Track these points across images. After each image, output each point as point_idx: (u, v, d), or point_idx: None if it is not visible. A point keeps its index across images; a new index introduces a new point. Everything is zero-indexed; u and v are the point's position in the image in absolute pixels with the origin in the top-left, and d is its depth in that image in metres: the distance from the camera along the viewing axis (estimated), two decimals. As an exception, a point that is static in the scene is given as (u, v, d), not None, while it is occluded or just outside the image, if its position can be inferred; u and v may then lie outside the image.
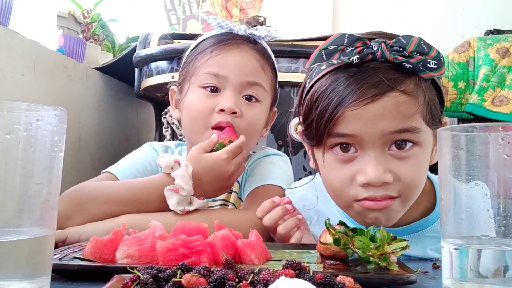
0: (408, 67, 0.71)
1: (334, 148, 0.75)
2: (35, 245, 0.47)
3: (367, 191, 0.72)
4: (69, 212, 0.86)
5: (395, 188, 0.72)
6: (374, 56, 0.71)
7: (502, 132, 0.50)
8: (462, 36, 2.11)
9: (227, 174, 0.92)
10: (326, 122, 0.72)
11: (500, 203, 0.49)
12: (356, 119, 0.71)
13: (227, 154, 0.92)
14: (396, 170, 0.72)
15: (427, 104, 0.73)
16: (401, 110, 0.70)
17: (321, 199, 0.90)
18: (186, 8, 2.23)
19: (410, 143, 0.73)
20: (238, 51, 1.01)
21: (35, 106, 0.47)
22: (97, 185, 0.96)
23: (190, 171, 0.89)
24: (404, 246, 0.59)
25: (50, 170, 0.48)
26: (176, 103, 1.10)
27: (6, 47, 1.17)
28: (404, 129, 0.71)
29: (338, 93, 0.71)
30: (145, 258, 0.61)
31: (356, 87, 0.70)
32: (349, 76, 0.72)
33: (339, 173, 0.75)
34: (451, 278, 0.52)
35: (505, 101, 1.56)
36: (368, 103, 0.69)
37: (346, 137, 0.73)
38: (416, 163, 0.73)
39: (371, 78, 0.70)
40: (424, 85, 0.73)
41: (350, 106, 0.70)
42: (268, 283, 0.45)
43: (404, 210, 0.77)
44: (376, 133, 0.71)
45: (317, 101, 0.74)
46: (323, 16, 2.49)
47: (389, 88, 0.70)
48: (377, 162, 0.71)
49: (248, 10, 2.29)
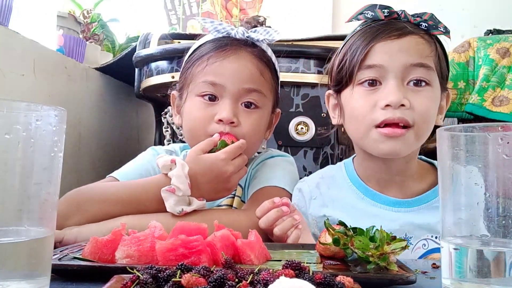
0: (424, 26, 0.92)
1: (362, 84, 0.91)
2: (35, 245, 0.47)
3: (386, 113, 0.87)
4: (68, 212, 0.86)
5: (411, 115, 0.87)
6: (399, 16, 0.93)
7: (502, 132, 0.50)
8: (462, 36, 2.11)
9: (225, 175, 0.91)
10: (360, 54, 0.90)
11: (499, 203, 0.49)
12: (383, 51, 0.89)
13: (226, 155, 0.90)
14: (412, 99, 0.87)
15: (438, 56, 0.92)
16: (419, 48, 0.90)
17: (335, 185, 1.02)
18: (186, 8, 2.23)
19: (424, 82, 0.89)
20: (235, 58, 0.99)
21: (35, 106, 0.47)
22: (96, 185, 0.95)
23: (186, 171, 0.88)
24: (404, 246, 0.59)
25: (49, 170, 0.48)
26: (178, 108, 1.09)
27: (6, 47, 1.17)
28: (421, 64, 0.88)
29: (370, 33, 0.91)
30: (145, 258, 0.61)
31: (385, 28, 0.91)
32: (379, 24, 0.92)
33: (364, 100, 0.90)
34: (450, 278, 0.52)
35: (505, 101, 1.56)
36: (394, 39, 0.89)
37: (373, 69, 0.90)
38: (428, 98, 0.89)
39: (397, 25, 0.91)
40: (435, 41, 0.93)
41: (380, 40, 0.90)
42: (267, 283, 0.45)
43: (418, 144, 0.91)
44: (398, 65, 0.88)
45: (353, 43, 0.94)
46: (323, 16, 2.49)
47: (411, 32, 0.90)
48: (398, 89, 0.87)
49: (248, 10, 2.29)
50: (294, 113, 1.39)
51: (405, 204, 0.95)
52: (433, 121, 0.92)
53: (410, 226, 0.93)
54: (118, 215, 0.87)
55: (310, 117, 1.38)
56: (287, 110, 1.38)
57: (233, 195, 1.07)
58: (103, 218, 0.87)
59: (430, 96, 0.90)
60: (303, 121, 1.38)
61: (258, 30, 1.04)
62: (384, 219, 0.93)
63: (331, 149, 1.39)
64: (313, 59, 1.37)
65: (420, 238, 0.93)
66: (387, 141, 0.88)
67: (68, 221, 0.86)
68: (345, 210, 0.98)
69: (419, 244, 0.94)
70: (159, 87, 1.47)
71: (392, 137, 0.87)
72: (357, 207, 0.98)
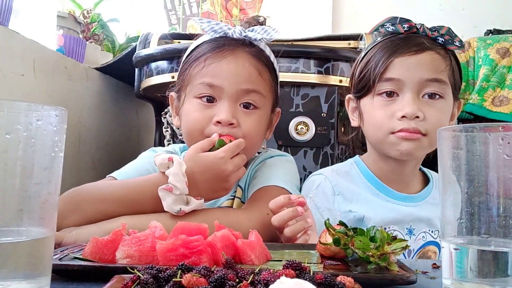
0: (441, 41, 1.00)
1: (381, 94, 1.00)
2: (35, 245, 0.47)
3: (402, 123, 0.96)
4: (65, 212, 0.85)
5: (424, 126, 0.95)
6: (418, 30, 1.01)
7: (502, 132, 0.50)
8: (462, 36, 2.11)
9: (224, 174, 0.89)
10: (380, 67, 0.98)
11: (500, 203, 0.49)
12: (402, 66, 0.97)
13: (225, 153, 0.89)
14: (425, 111, 0.96)
15: (452, 70, 1.00)
16: (435, 64, 0.97)
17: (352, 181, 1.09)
18: (186, 8, 2.23)
19: (437, 95, 0.98)
20: (233, 58, 0.98)
21: (35, 106, 0.47)
22: (93, 185, 0.95)
23: (183, 169, 0.86)
24: (404, 246, 0.59)
25: (50, 170, 0.48)
26: (176, 110, 1.09)
27: (6, 47, 1.17)
28: (435, 79, 0.96)
29: (391, 47, 1.00)
30: (145, 258, 0.61)
31: (404, 43, 0.99)
32: (399, 39, 1.01)
33: (383, 110, 0.99)
34: (451, 278, 0.52)
35: (505, 101, 1.56)
36: (412, 54, 0.97)
37: (392, 82, 0.98)
38: (441, 110, 0.98)
39: (415, 40, 0.99)
40: (450, 56, 1.01)
41: (399, 55, 0.98)
42: (268, 283, 0.45)
43: (429, 149, 0.99)
44: (415, 79, 0.96)
45: (374, 55, 1.02)
46: (323, 16, 2.49)
47: (428, 47, 0.98)
48: (413, 102, 0.96)
49: (248, 10, 2.29)
50: (294, 113, 1.39)
51: (411, 199, 1.06)
52: None
53: (415, 219, 1.04)
54: (115, 214, 0.86)
55: (310, 117, 1.38)
56: (287, 110, 1.38)
57: (233, 196, 1.07)
58: (100, 217, 0.86)
59: (442, 108, 0.98)
60: (303, 121, 1.38)
61: (256, 29, 1.02)
62: (397, 212, 1.03)
63: (331, 149, 1.39)
64: (313, 59, 1.38)
65: (421, 230, 1.03)
66: (404, 143, 0.97)
67: (66, 221, 0.85)
68: (365, 205, 1.04)
69: (419, 236, 1.04)
70: (159, 87, 1.47)
71: (408, 139, 0.96)
72: (374, 202, 1.04)
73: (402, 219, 1.02)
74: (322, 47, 1.38)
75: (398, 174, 1.06)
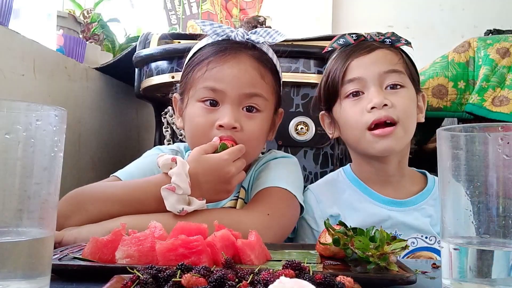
0: (388, 42, 1.07)
1: (348, 96, 1.05)
2: (35, 245, 0.47)
3: (373, 114, 1.00)
4: (68, 212, 0.86)
5: (394, 112, 1.00)
6: (366, 38, 1.09)
7: (502, 132, 0.50)
8: (462, 36, 2.12)
9: (228, 176, 0.90)
10: (340, 71, 1.05)
11: (499, 203, 0.49)
12: (359, 65, 1.04)
13: (229, 156, 0.90)
14: (392, 100, 1.01)
15: (405, 62, 1.07)
16: (388, 58, 1.05)
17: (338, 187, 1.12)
18: (186, 8, 2.23)
19: (399, 85, 1.03)
20: (235, 62, 0.98)
21: (35, 106, 0.47)
22: (96, 185, 0.95)
23: (186, 169, 0.87)
24: (404, 246, 0.59)
25: (49, 170, 0.48)
26: (180, 111, 1.09)
27: (6, 47, 1.17)
28: (392, 70, 1.03)
29: (346, 54, 1.07)
30: (145, 258, 0.61)
31: (357, 48, 1.06)
32: (352, 46, 1.08)
33: (354, 109, 1.03)
34: (450, 278, 0.52)
35: (505, 101, 1.56)
36: (366, 54, 1.05)
37: (354, 82, 1.04)
38: (405, 97, 1.03)
39: (366, 44, 1.07)
40: (401, 51, 1.08)
41: (355, 57, 1.05)
42: (268, 283, 0.45)
43: (407, 138, 1.03)
44: (374, 74, 1.02)
45: (333, 65, 1.08)
46: (323, 16, 2.49)
47: (378, 47, 1.06)
48: (378, 93, 1.01)
49: (248, 10, 2.29)
50: (294, 113, 1.38)
51: (398, 204, 1.06)
52: (415, 118, 1.06)
53: (401, 224, 1.04)
54: (118, 215, 0.86)
55: (310, 117, 1.37)
56: (287, 110, 1.37)
57: (236, 197, 1.07)
58: (103, 218, 0.86)
59: (406, 96, 1.04)
60: (303, 121, 1.38)
61: (259, 32, 1.02)
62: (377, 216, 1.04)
63: (331, 149, 1.39)
64: (313, 59, 1.37)
65: (409, 236, 1.04)
66: (380, 141, 1.00)
67: (68, 221, 0.86)
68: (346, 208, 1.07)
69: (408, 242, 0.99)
70: (159, 87, 1.47)
71: (383, 136, 1.00)
72: (356, 205, 1.07)
73: (379, 222, 1.03)
74: (322, 47, 1.38)
75: (382, 174, 1.08)
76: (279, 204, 0.96)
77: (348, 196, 1.09)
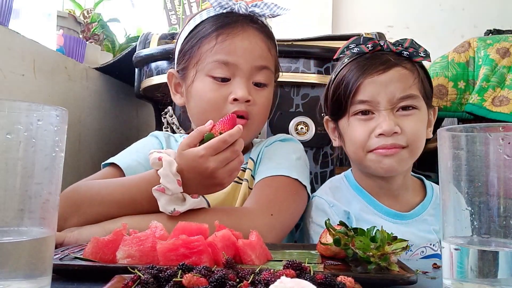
0: (406, 54, 1.00)
1: (357, 114, 1.00)
2: (36, 245, 0.47)
3: (380, 140, 0.96)
4: (66, 214, 0.85)
5: (403, 139, 0.96)
6: (382, 48, 1.01)
7: (503, 133, 0.50)
8: (462, 36, 2.12)
9: (207, 171, 0.82)
10: (350, 89, 0.98)
11: (500, 204, 0.50)
12: (372, 86, 0.97)
13: (205, 151, 0.81)
14: (402, 124, 0.96)
15: (421, 81, 1.00)
16: (403, 79, 0.97)
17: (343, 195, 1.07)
18: (186, 8, 2.22)
19: (411, 107, 0.98)
20: (246, 36, 0.99)
21: (36, 106, 0.47)
22: (92, 185, 0.93)
23: (174, 169, 0.82)
24: (405, 246, 0.59)
25: (50, 170, 0.48)
26: (176, 87, 1.08)
27: (6, 47, 1.17)
28: (407, 96, 0.97)
29: (358, 69, 0.99)
30: (146, 258, 0.61)
31: (371, 63, 0.99)
32: (365, 59, 1.00)
33: (361, 129, 0.99)
34: (451, 278, 0.52)
35: (505, 101, 1.56)
36: (380, 73, 0.97)
37: (364, 104, 0.98)
38: (417, 120, 0.98)
39: (381, 59, 0.99)
40: (417, 67, 1.01)
41: (367, 76, 0.97)
42: (269, 283, 0.45)
43: (412, 160, 1.00)
44: (387, 97, 0.96)
45: (343, 79, 1.01)
46: (323, 16, 2.49)
47: (394, 64, 0.98)
48: (389, 118, 0.96)
49: (248, 10, 2.29)
50: (294, 113, 1.38)
51: (402, 217, 1.03)
52: (424, 139, 1.02)
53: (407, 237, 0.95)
54: (116, 215, 0.85)
55: (310, 117, 1.37)
56: (287, 110, 1.38)
57: (244, 168, 1.04)
58: (101, 219, 0.85)
59: (418, 119, 0.99)
60: (303, 121, 1.38)
61: (259, 5, 1.03)
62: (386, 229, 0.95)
63: (331, 149, 1.39)
64: (313, 59, 1.37)
65: (419, 246, 1.00)
66: (384, 160, 0.97)
67: (67, 223, 0.85)
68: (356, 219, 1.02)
69: (417, 251, 1.01)
70: (159, 87, 1.47)
71: (387, 155, 0.97)
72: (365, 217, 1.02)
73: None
74: (322, 47, 1.38)
75: (386, 189, 1.05)
76: (284, 200, 0.93)
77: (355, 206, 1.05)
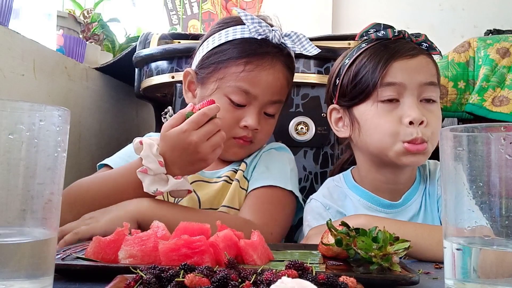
0: (425, 46, 1.00)
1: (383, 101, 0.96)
2: (38, 245, 0.47)
3: (412, 132, 0.93)
4: (61, 216, 0.86)
5: (427, 132, 0.94)
6: (403, 36, 1.00)
7: (504, 133, 0.50)
8: (462, 36, 2.12)
9: (191, 146, 0.86)
10: (380, 71, 0.95)
11: (502, 203, 0.50)
12: (402, 69, 0.95)
13: (188, 125, 0.86)
14: (427, 116, 0.94)
15: (437, 73, 1.01)
16: (429, 67, 0.98)
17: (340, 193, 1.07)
18: (186, 8, 2.22)
19: (432, 100, 0.97)
20: (272, 70, 1.03)
21: (38, 106, 0.47)
22: (81, 184, 0.95)
23: (154, 149, 0.88)
24: (407, 246, 0.59)
25: (53, 170, 0.48)
26: (190, 85, 1.11)
27: (6, 47, 1.17)
28: (432, 82, 0.97)
29: (387, 51, 0.97)
30: (148, 258, 0.61)
31: (400, 47, 0.97)
32: (391, 43, 0.99)
33: (388, 116, 0.95)
34: (453, 278, 0.52)
35: (505, 101, 1.56)
36: (410, 58, 0.96)
37: (394, 86, 0.95)
38: (437, 115, 0.98)
39: (408, 45, 0.99)
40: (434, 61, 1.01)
41: (397, 58, 0.96)
42: (270, 283, 0.45)
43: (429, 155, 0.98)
44: (415, 82, 0.95)
45: (368, 60, 0.98)
46: (323, 16, 2.49)
47: (421, 52, 0.98)
48: (417, 107, 0.95)
49: (248, 10, 2.29)
50: (294, 113, 1.38)
51: (394, 206, 1.03)
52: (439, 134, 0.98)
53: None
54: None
55: (310, 117, 1.37)
56: (287, 110, 1.37)
57: (236, 170, 1.07)
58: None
59: (438, 113, 0.99)
60: (303, 121, 1.38)
61: (292, 36, 1.06)
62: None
63: (331, 149, 1.39)
64: (313, 59, 1.37)
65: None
66: (410, 156, 0.95)
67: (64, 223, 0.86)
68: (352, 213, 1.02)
69: None
70: (159, 87, 1.47)
71: (416, 154, 0.95)
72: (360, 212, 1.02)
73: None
74: (322, 47, 1.38)
75: (392, 183, 1.03)
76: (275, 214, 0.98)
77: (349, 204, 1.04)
